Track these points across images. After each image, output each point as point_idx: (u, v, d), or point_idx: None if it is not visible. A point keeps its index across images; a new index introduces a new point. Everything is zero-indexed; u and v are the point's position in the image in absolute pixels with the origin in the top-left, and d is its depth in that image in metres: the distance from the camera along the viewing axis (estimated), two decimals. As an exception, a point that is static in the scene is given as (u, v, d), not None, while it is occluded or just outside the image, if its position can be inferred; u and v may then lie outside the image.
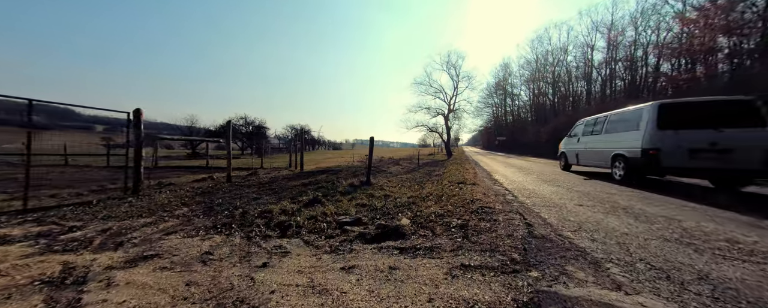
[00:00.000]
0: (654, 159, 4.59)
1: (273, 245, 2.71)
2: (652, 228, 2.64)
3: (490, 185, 5.88)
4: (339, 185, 6.15)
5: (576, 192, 4.78)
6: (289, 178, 8.30)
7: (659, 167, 4.58)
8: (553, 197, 4.37)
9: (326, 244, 2.64)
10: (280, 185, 6.66)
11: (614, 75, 27.42)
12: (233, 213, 3.88)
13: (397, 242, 2.65)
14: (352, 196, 5.02)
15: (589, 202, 3.95)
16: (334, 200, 4.64)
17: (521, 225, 2.82)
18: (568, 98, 32.79)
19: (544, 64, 34.95)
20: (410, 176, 8.80)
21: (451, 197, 4.42)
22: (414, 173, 9.79)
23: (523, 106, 41.77)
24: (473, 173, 8.62)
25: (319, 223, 3.41)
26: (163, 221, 3.53)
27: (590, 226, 2.75)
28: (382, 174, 9.34)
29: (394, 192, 5.34)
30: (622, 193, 4.60)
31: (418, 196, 4.75)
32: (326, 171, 9.97)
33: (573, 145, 7.99)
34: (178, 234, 2.99)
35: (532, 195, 4.59)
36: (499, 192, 4.89)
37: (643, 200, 4.05)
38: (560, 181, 6.31)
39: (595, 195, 4.47)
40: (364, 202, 4.43)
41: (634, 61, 24.99)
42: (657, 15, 21.95)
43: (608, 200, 4.11)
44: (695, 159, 4.35)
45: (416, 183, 6.87)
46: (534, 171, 8.95)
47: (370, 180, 6.50)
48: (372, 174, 9.24)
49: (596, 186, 5.49)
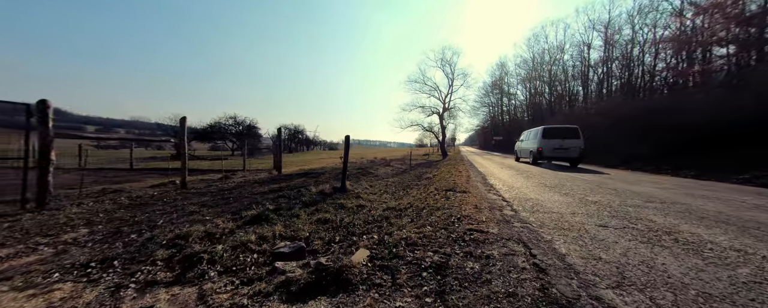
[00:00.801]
0: (540, 153, 9.93)
1: (141, 305, 1.69)
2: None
3: (485, 192, 4.88)
4: (306, 193, 5.13)
5: (593, 205, 3.79)
6: (261, 183, 7.26)
7: (542, 156, 9.94)
8: (565, 211, 3.38)
9: (228, 302, 1.63)
10: (241, 192, 5.62)
11: (610, 74, 26.61)
12: (137, 239, 2.85)
13: (334, 300, 1.64)
14: (317, 208, 4.01)
15: (614, 221, 2.98)
16: (290, 215, 3.63)
17: (528, 269, 1.81)
18: (564, 97, 31.93)
19: (541, 63, 34.09)
20: (397, 179, 7.80)
21: (434, 211, 3.41)
22: (402, 176, 8.78)
23: (519, 106, 40.95)
24: (466, 176, 7.62)
25: (246, 255, 2.41)
26: (29, 252, 2.49)
27: (641, 278, 1.74)
28: (368, 177, 8.34)
29: (369, 202, 4.34)
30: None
31: (395, 208, 3.74)
32: (307, 174, 8.94)
33: (518, 146, 13.82)
34: (17, 279, 1.96)
35: (537, 208, 3.59)
36: (494, 204, 3.88)
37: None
38: (567, 188, 5.33)
39: (619, 210, 3.49)
40: (328, 217, 3.42)
41: (630, 59, 24.18)
42: (654, 12, 21.14)
43: (635, 216, 3.13)
44: (555, 152, 9.65)
45: (400, 189, 5.87)
46: (534, 175, 7.97)
47: (346, 186, 5.48)
48: (356, 178, 8.24)
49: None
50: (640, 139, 12.33)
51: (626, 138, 13.44)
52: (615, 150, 13.29)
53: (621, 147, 13.02)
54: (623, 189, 5.18)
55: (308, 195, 5.03)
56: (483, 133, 51.46)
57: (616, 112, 16.78)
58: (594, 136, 16.61)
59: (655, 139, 11.31)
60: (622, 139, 13.72)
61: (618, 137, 14.20)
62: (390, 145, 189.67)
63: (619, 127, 14.99)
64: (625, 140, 13.36)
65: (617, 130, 14.87)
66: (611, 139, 14.49)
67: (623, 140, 13.57)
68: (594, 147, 15.27)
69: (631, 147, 12.39)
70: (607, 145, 14.23)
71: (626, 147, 12.73)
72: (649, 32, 22.59)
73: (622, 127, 14.64)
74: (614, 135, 14.60)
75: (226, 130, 25.98)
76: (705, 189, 5.17)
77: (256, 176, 9.27)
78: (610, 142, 14.24)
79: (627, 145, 12.75)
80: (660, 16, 20.82)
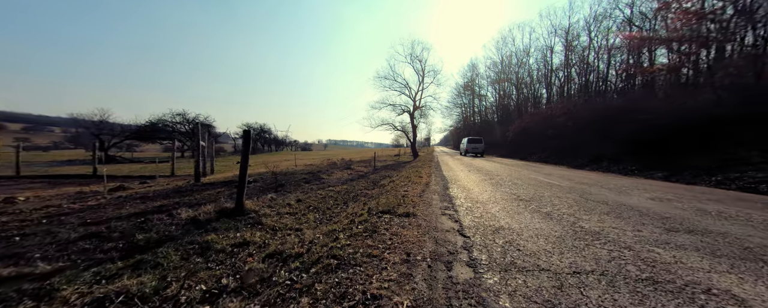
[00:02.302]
0: (465, 151, 21.49)
1: None
2: None
3: (437, 214, 3.30)
4: (176, 219, 3.23)
5: (598, 245, 2.34)
6: (152, 197, 5.16)
7: (466, 152, 21.28)
8: (562, 266, 1.88)
9: None
10: (89, 217, 3.56)
11: (570, 78, 27.09)
12: None
13: None
14: (141, 260, 2.20)
15: (649, 287, 1.51)
16: (79, 283, 1.77)
17: None
18: (529, 99, 32.27)
19: (508, 65, 34.19)
20: (345, 188, 6.10)
21: (339, 268, 1.74)
22: (356, 182, 7.08)
23: (489, 107, 41.13)
24: (425, 183, 6.09)
25: None
26: None
27: None
28: (309, 186, 6.55)
29: (266, 235, 2.64)
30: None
31: (282, 254, 2.02)
32: (230, 183, 6.90)
33: (462, 145, 23.54)
34: None
35: (512, 254, 2.06)
36: (443, 244, 2.31)
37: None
38: (546, 201, 3.95)
39: (646, 256, 2.06)
40: (134, 288, 1.62)
41: (588, 64, 24.66)
42: (607, 20, 21.51)
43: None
44: (472, 149, 20.45)
45: (338, 205, 4.19)
46: (504, 179, 6.64)
47: (243, 207, 3.64)
48: (293, 187, 6.39)
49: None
50: (603, 139, 11.86)
51: (590, 137, 12.98)
52: (581, 150, 12.73)
53: (587, 147, 12.48)
54: (615, 202, 3.90)
55: (176, 223, 3.14)
56: (456, 134, 51.41)
57: (579, 114, 16.55)
58: (560, 136, 16.16)
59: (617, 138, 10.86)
60: (587, 139, 13.24)
61: (582, 137, 13.75)
62: (367, 145, 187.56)
63: (582, 127, 14.61)
64: (590, 140, 12.88)
65: (581, 130, 14.46)
66: (577, 140, 14.01)
67: (588, 140, 13.08)
68: (561, 146, 14.74)
69: (597, 146, 11.85)
70: (574, 145, 13.69)
71: (592, 146, 12.19)
72: (603, 39, 23.13)
73: (585, 127, 14.26)
74: (579, 135, 14.17)
75: (173, 128, 22.15)
76: (712, 202, 4.05)
77: (168, 185, 7.05)
78: (577, 143, 13.73)
79: (593, 145, 12.22)
80: (612, 24, 21.25)
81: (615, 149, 10.71)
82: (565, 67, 27.40)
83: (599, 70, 23.35)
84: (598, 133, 12.63)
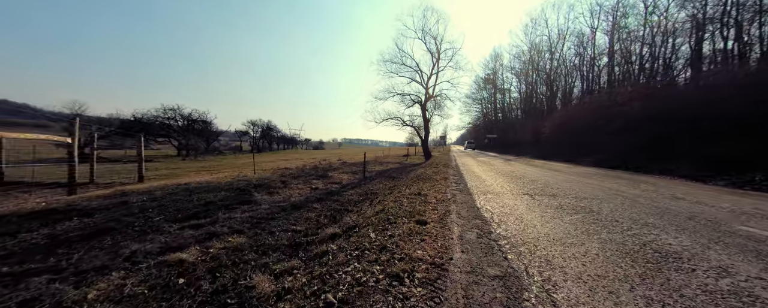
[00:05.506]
0: (465, 148, 38.02)
1: None
2: None
3: None
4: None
5: None
6: None
7: (466, 149, 37.37)
8: None
9: None
10: None
11: (628, 61, 22.26)
12: None
13: None
14: None
15: None
16: None
17: None
18: (566, 91, 27.65)
19: (539, 52, 29.73)
20: (294, 216, 3.14)
21: None
22: (329, 201, 4.10)
23: (513, 103, 36.62)
24: (440, 212, 2.99)
25: None
26: None
27: None
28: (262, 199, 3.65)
29: None
30: None
31: None
32: (125, 203, 4.18)
33: (466, 145, 39.93)
34: None
35: None
36: None
37: None
38: None
39: None
40: None
41: (645, 44, 19.92)
42: None
43: None
44: (468, 147, 36.55)
45: None
46: (586, 204, 3.36)
47: None
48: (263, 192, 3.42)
49: None
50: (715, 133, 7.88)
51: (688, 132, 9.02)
52: (672, 150, 8.89)
53: (681, 146, 8.65)
54: None
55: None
56: (475, 131, 46.98)
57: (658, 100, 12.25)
58: (627, 130, 12.12)
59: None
60: (677, 135, 9.39)
61: (668, 133, 9.84)
62: (382, 144, 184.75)
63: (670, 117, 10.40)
64: (684, 136, 9.01)
65: (666, 121, 10.36)
66: (660, 135, 10.08)
67: (678, 136, 9.24)
68: (630, 145, 10.77)
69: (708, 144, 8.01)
70: (656, 144, 9.82)
71: (692, 145, 8.34)
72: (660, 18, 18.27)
73: (674, 117, 10.13)
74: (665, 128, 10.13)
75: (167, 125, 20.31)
76: None
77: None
78: (661, 140, 9.86)
79: (693, 143, 8.39)
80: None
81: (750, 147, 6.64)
82: (610, 54, 22.71)
83: (666, 52, 18.40)
84: (713, 121, 8.09)
